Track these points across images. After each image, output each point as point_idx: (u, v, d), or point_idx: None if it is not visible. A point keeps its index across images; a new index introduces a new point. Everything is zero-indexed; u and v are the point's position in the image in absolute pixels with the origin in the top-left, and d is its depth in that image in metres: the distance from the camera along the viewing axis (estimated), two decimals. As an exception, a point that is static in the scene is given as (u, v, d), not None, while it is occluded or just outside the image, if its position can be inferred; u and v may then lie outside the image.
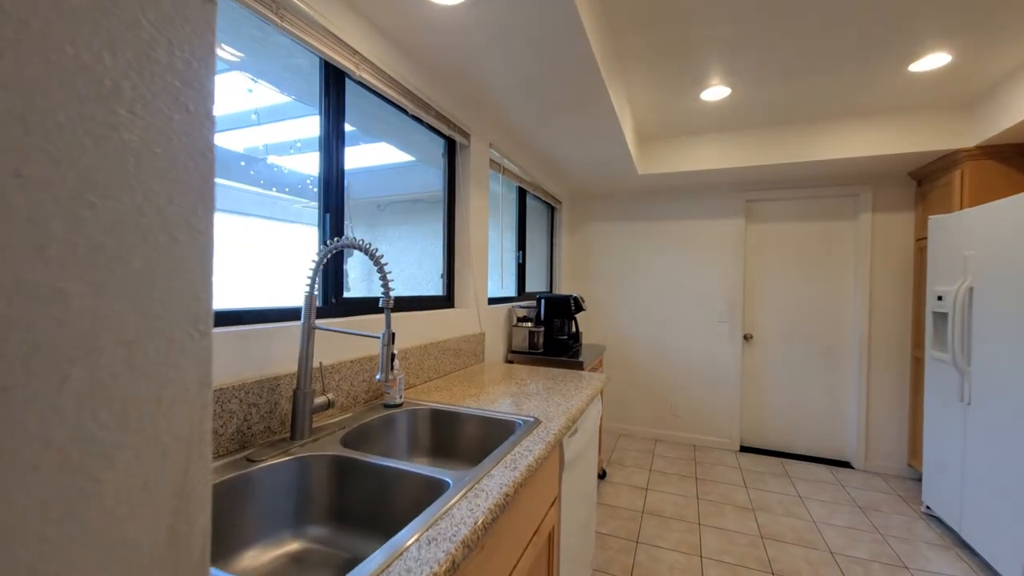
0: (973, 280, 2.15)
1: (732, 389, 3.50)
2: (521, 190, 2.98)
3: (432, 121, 1.78)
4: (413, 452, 1.34)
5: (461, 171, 2.09)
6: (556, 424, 1.23)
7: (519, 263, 2.98)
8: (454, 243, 2.10)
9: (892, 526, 2.40)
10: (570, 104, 2.04)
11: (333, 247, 1.03)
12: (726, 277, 3.52)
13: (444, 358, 1.84)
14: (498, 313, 2.44)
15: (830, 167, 2.96)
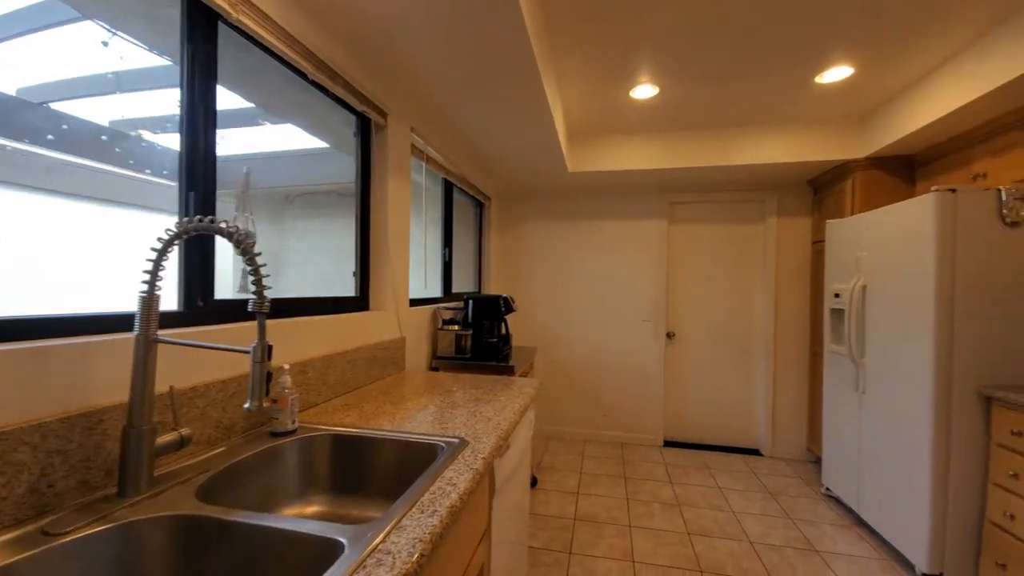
0: (866, 279, 2.34)
1: (656, 386, 3.58)
2: (448, 183, 2.77)
3: (340, 92, 1.52)
4: (307, 493, 1.09)
5: (377, 155, 1.84)
6: (486, 445, 1.05)
7: (445, 261, 2.76)
8: (369, 237, 1.84)
9: (799, 510, 2.55)
10: (499, 88, 1.88)
11: (182, 230, 0.76)
12: (651, 277, 3.60)
13: (355, 369, 1.58)
14: (421, 315, 2.22)
15: (744, 173, 3.12)
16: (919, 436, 1.92)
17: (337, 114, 1.73)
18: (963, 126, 2.22)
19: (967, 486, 1.83)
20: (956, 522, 1.84)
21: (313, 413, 1.29)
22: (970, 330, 1.84)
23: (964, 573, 1.84)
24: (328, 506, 1.08)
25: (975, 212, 1.84)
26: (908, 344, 2.01)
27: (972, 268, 1.84)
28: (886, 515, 2.14)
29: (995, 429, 1.76)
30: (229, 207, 1.40)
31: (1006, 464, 1.70)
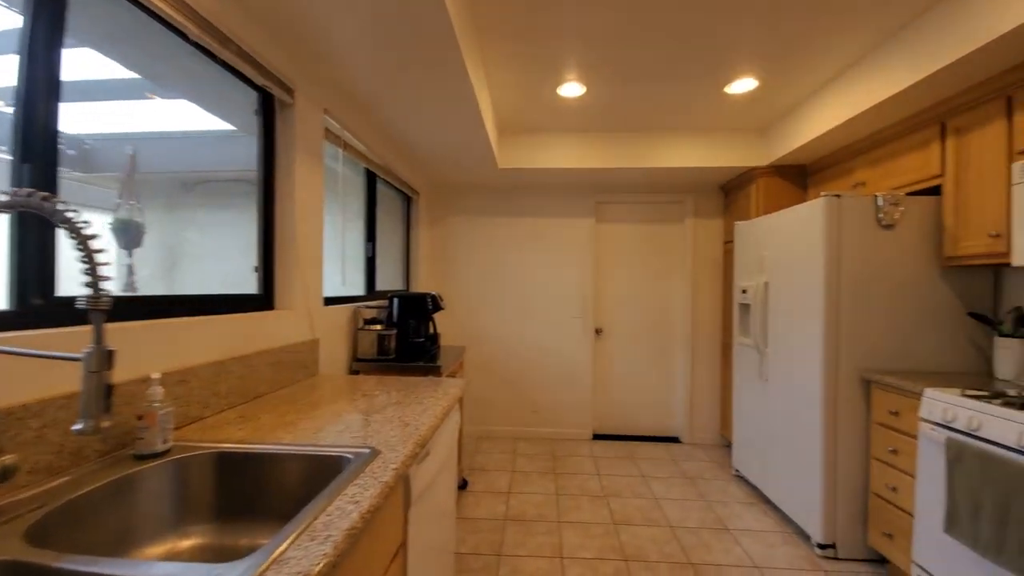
0: (768, 276, 2.55)
1: (585, 382, 3.66)
2: (370, 174, 2.60)
3: (232, 60, 1.34)
4: (184, 524, 0.93)
5: (283, 136, 1.66)
6: (400, 453, 0.96)
7: (368, 257, 2.60)
8: (274, 227, 1.65)
9: (713, 491, 2.73)
10: (423, 75, 1.78)
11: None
12: (580, 274, 3.67)
13: (256, 376, 1.41)
14: (339, 315, 2.05)
15: (664, 175, 3.27)
16: (812, 418, 2.12)
17: (242, 91, 1.53)
18: (846, 139, 2.49)
19: (853, 462, 2.05)
20: (845, 495, 2.05)
21: (196, 429, 1.11)
22: (853, 321, 2.06)
23: (854, 542, 2.05)
24: (211, 537, 0.93)
25: (857, 215, 2.06)
26: (802, 334, 2.20)
27: (855, 266, 2.06)
28: (786, 492, 2.34)
29: (875, 409, 1.99)
30: (112, 193, 1.18)
31: (885, 440, 1.92)
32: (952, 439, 1.50)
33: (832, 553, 2.06)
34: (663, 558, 2.05)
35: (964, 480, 1.44)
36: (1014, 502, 1.27)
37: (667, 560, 2.04)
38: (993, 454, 1.36)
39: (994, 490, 1.33)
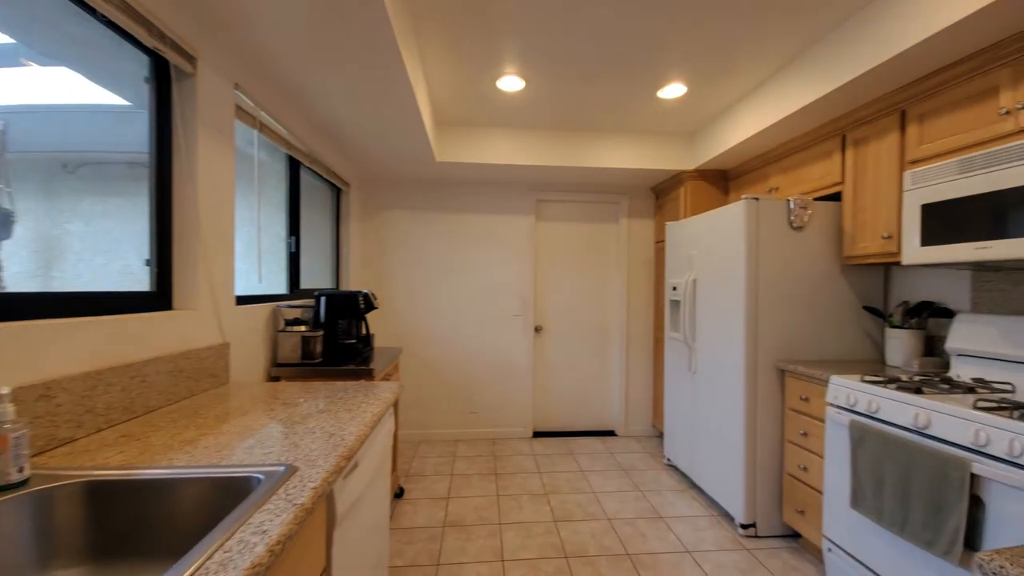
0: (696, 273, 2.68)
1: (526, 380, 3.65)
2: (294, 161, 2.38)
3: (115, 15, 1.13)
4: (48, 567, 0.76)
5: (182, 111, 1.45)
6: (322, 468, 0.86)
7: (291, 252, 2.38)
8: (171, 215, 1.44)
9: (646, 481, 2.83)
10: (352, 51, 1.64)
11: None
12: (520, 272, 3.65)
13: (147, 387, 1.21)
14: (255, 316, 1.85)
15: (601, 175, 3.35)
16: (735, 407, 2.25)
17: (138, 61, 1.30)
18: (762, 148, 2.68)
19: (770, 446, 2.21)
20: (764, 477, 2.20)
21: (64, 454, 0.92)
22: (770, 315, 2.21)
23: (772, 520, 2.21)
24: (78, 585, 0.76)
25: (772, 218, 2.22)
26: (726, 328, 2.34)
27: (771, 264, 2.21)
28: (712, 477, 2.47)
29: (788, 396, 2.15)
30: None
31: (797, 424, 2.08)
32: (855, 421, 1.64)
33: (753, 532, 2.21)
34: (602, 551, 2.07)
35: (867, 459, 1.58)
36: (912, 478, 1.41)
37: (606, 553, 2.06)
38: (891, 434, 1.50)
39: (894, 467, 1.48)
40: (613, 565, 1.97)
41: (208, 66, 1.50)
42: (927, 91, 1.78)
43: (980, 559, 0.58)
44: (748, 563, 1.99)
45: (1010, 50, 1.48)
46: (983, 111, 1.57)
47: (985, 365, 1.72)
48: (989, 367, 1.71)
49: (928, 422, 1.41)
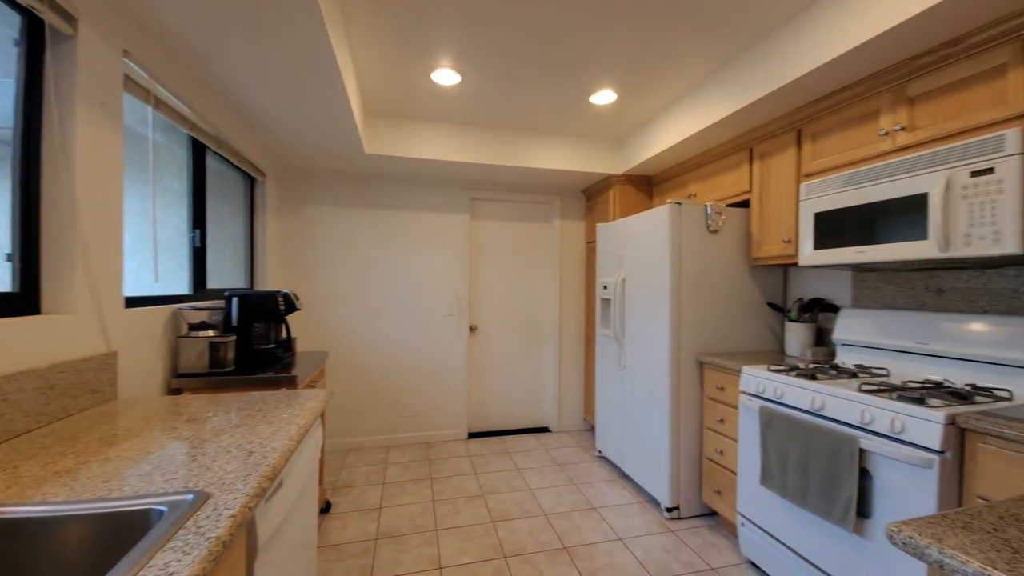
0: (625, 273, 2.81)
1: (460, 380, 3.60)
2: (198, 145, 2.12)
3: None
4: None
5: (57, 80, 1.21)
6: (241, 493, 0.75)
7: (195, 247, 2.11)
8: (39, 201, 1.20)
9: (579, 474, 2.91)
10: (269, 20, 1.49)
11: None
12: (455, 271, 3.59)
13: (7, 408, 0.99)
14: (150, 320, 1.61)
15: (535, 176, 3.39)
16: (661, 398, 2.39)
17: (2, 19, 1.06)
18: (682, 157, 2.88)
19: (692, 433, 2.37)
20: (686, 462, 2.37)
21: None
22: (691, 311, 2.38)
23: (693, 502, 2.38)
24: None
25: (692, 221, 2.39)
26: (653, 324, 2.48)
27: (691, 264, 2.38)
28: (640, 466, 2.61)
29: (706, 386, 2.33)
30: None
31: (714, 412, 2.26)
32: (764, 407, 1.82)
33: (677, 514, 2.36)
34: (540, 547, 2.10)
35: (774, 440, 1.75)
36: (811, 455, 1.59)
37: (544, 549, 2.09)
38: (794, 417, 1.68)
39: (796, 446, 1.65)
40: (551, 560, 2.00)
41: (91, 28, 1.27)
42: (819, 112, 2.01)
43: (891, 530, 0.65)
44: (673, 543, 2.13)
45: (890, 78, 1.71)
46: (866, 132, 1.82)
47: (865, 353, 1.99)
48: (868, 354, 1.98)
49: (823, 404, 1.60)
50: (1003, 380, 1.53)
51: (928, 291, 1.86)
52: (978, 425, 1.20)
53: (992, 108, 1.41)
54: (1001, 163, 1.35)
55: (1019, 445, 1.13)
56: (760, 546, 1.88)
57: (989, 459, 1.19)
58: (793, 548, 1.71)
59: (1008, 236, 1.34)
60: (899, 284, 1.96)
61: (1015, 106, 1.35)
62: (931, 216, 1.52)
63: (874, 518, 1.42)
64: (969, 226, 1.43)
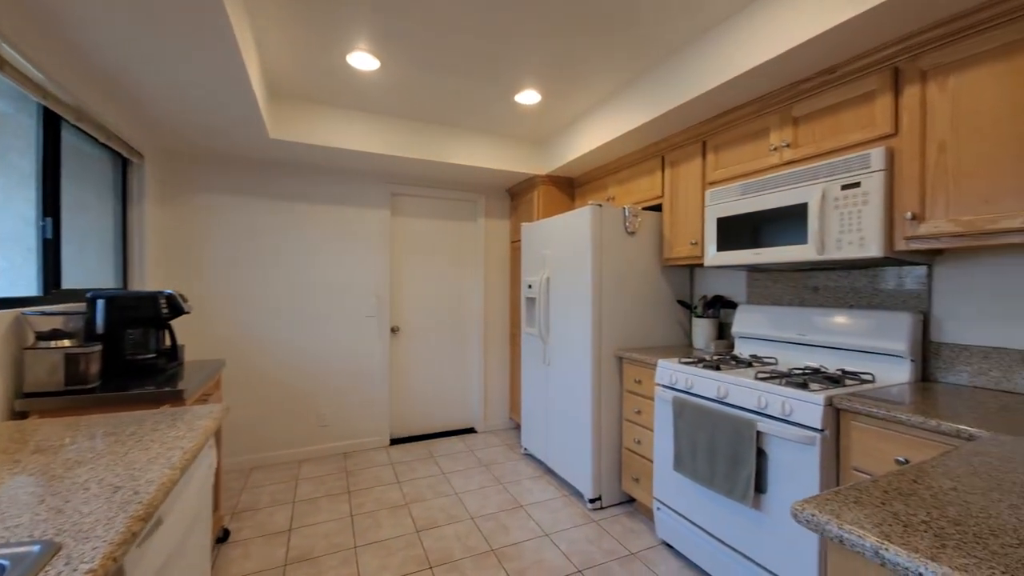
0: (549, 272, 2.86)
1: (382, 384, 3.41)
2: (52, 116, 1.75)
3: None
4: None
5: None
6: (102, 541, 0.61)
7: (45, 239, 1.74)
8: None
9: (506, 473, 2.91)
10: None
11: None
12: (375, 270, 3.39)
13: None
14: (-20, 328, 1.29)
15: (459, 172, 3.32)
16: (583, 393, 2.47)
17: None
18: (602, 161, 3.01)
19: (612, 426, 2.48)
20: (607, 454, 2.46)
21: None
22: (611, 309, 2.48)
23: (614, 491, 2.49)
24: None
25: (612, 223, 2.50)
26: (576, 322, 2.55)
27: (611, 264, 2.49)
28: (564, 460, 2.67)
29: (625, 380, 2.44)
30: None
31: (632, 404, 2.38)
32: (676, 397, 1.95)
33: (599, 505, 2.46)
34: (467, 553, 2.05)
35: (685, 428, 1.88)
36: (717, 440, 1.73)
37: (471, 554, 2.04)
38: (702, 405, 1.82)
39: (705, 433, 1.78)
40: (478, 564, 1.96)
41: None
42: (721, 127, 2.20)
43: (795, 509, 0.70)
44: (596, 533, 2.20)
45: (778, 100, 1.92)
46: (759, 146, 2.02)
47: (758, 344, 2.22)
48: (760, 345, 2.21)
49: (727, 393, 1.75)
50: (867, 365, 1.78)
51: (807, 289, 2.12)
52: (851, 405, 1.38)
53: (861, 129, 1.64)
54: (867, 178, 1.58)
55: (886, 422, 1.31)
56: (673, 528, 2.01)
57: (861, 435, 1.37)
58: (701, 526, 1.86)
59: (871, 241, 1.56)
60: (784, 283, 2.22)
61: (880, 128, 1.58)
62: (810, 223, 1.73)
63: (768, 493, 1.58)
64: (840, 232, 1.65)
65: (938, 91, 1.43)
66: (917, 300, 1.74)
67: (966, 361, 1.60)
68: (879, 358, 1.75)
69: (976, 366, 1.58)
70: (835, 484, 1.45)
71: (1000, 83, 1.29)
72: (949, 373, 1.64)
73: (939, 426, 1.18)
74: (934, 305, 1.70)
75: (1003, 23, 1.27)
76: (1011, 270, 1.51)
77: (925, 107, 1.46)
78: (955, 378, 1.63)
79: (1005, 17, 1.27)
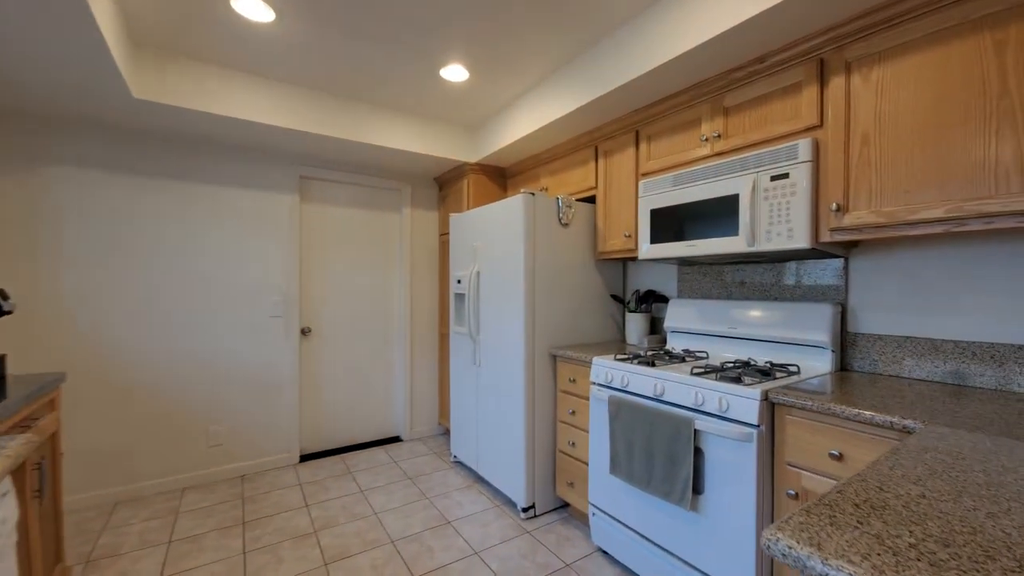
0: (480, 265, 2.67)
1: (290, 394, 3.01)
2: None
3: None
4: None
5: None
6: None
7: None
8: None
9: (433, 486, 2.67)
10: None
11: None
12: (280, 263, 2.98)
13: None
14: None
15: (382, 156, 3.01)
16: (516, 394, 2.31)
17: None
18: (533, 150, 2.87)
19: (546, 428, 2.34)
20: (541, 458, 2.32)
21: None
22: (545, 304, 2.34)
23: (547, 497, 2.35)
24: None
25: (545, 213, 2.36)
26: (508, 319, 2.38)
27: (544, 257, 2.35)
28: (496, 467, 2.50)
29: (559, 379, 2.32)
30: None
31: (566, 404, 2.25)
32: (613, 396, 1.84)
33: (533, 513, 2.31)
34: (384, 585, 1.79)
35: (621, 428, 1.78)
36: (654, 440, 1.64)
37: (389, 586, 1.79)
38: (639, 404, 1.72)
39: (641, 433, 1.69)
40: (397, 597, 1.72)
41: None
42: (653, 116, 2.15)
43: (767, 540, 0.56)
44: (529, 546, 2.05)
45: (709, 89, 1.88)
46: (690, 137, 1.98)
47: (689, 338, 2.20)
48: (691, 339, 2.19)
49: (663, 390, 1.67)
50: (792, 356, 1.80)
51: (734, 283, 2.13)
52: (786, 399, 1.34)
53: (788, 121, 1.63)
54: (795, 169, 1.56)
55: (819, 415, 1.28)
56: (609, 533, 1.91)
57: (795, 429, 1.33)
58: (638, 530, 1.77)
59: (799, 232, 1.55)
60: (713, 277, 2.22)
61: (806, 119, 1.57)
62: (741, 215, 1.70)
63: (705, 494, 1.52)
64: (770, 224, 1.63)
65: (862, 83, 1.44)
66: (836, 292, 1.78)
67: (880, 350, 1.65)
68: (803, 349, 1.77)
69: (890, 355, 1.63)
70: (770, 482, 1.41)
71: (921, 75, 1.31)
72: (865, 362, 1.69)
73: (873, 418, 1.15)
74: (850, 296, 1.74)
75: (924, 14, 1.29)
76: (920, 262, 1.57)
77: (849, 99, 1.47)
78: (870, 367, 1.68)
79: (926, 8, 1.28)
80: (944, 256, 1.52)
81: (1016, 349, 1.36)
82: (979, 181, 1.20)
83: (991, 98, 1.18)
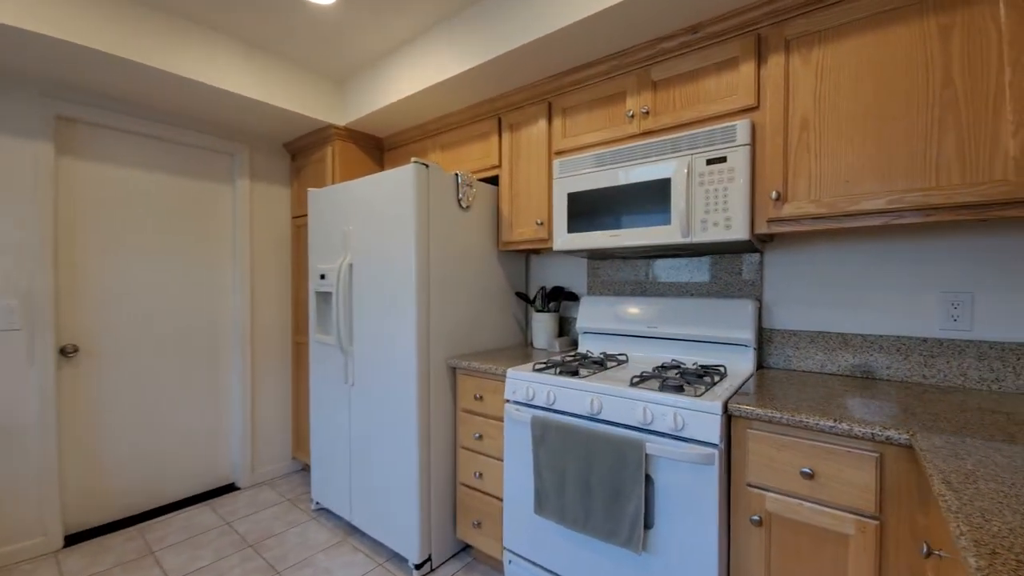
0: (353, 256, 2.07)
1: (36, 448, 1.96)
2: None
3: None
4: None
5: None
6: None
7: None
8: None
9: (288, 551, 2.00)
10: None
11: None
12: (16, 247, 1.91)
13: None
14: None
15: (201, 99, 2.16)
16: (405, 417, 1.81)
17: None
18: (420, 118, 2.37)
19: (444, 458, 1.89)
20: (438, 496, 1.87)
21: None
22: (441, 304, 1.89)
23: (446, 544, 1.90)
24: None
25: (442, 192, 1.90)
26: (393, 323, 1.86)
27: (441, 246, 1.89)
28: (378, 515, 1.95)
29: (460, 397, 1.89)
30: None
31: (471, 427, 1.84)
32: (537, 417, 1.50)
33: (429, 567, 1.84)
34: None
35: (549, 456, 1.45)
36: (593, 469, 1.33)
37: None
38: (572, 426, 1.41)
39: (576, 461, 1.37)
40: None
41: None
42: (569, 86, 1.87)
43: None
44: (428, 616, 1.59)
45: (634, 59, 1.66)
46: (614, 112, 1.74)
47: (605, 340, 1.98)
48: (607, 341, 1.97)
49: (601, 407, 1.38)
50: (716, 356, 1.69)
51: (649, 279, 1.98)
52: (748, 411, 1.16)
53: (723, 100, 1.49)
54: (733, 152, 1.42)
55: (788, 428, 1.11)
56: (530, 583, 1.57)
57: (758, 444, 1.16)
58: (568, 578, 1.46)
59: (737, 222, 1.41)
60: (627, 272, 2.05)
61: (743, 99, 1.44)
62: (674, 202, 1.52)
63: (655, 527, 1.27)
64: (706, 212, 1.47)
65: (801, 63, 1.35)
66: (752, 287, 1.73)
67: (794, 345, 1.63)
68: (726, 348, 1.67)
69: (803, 350, 1.62)
70: (727, 506, 1.22)
71: (863, 58, 1.25)
72: (780, 359, 1.66)
73: (851, 430, 1.01)
74: (765, 292, 1.71)
75: (874, -9, 1.22)
76: (833, 256, 1.58)
77: (788, 79, 1.37)
78: (784, 363, 1.65)
79: (876, -15, 1.22)
80: (855, 251, 1.54)
81: (920, 342, 1.42)
82: (921, 172, 1.17)
83: (934, 86, 1.15)
